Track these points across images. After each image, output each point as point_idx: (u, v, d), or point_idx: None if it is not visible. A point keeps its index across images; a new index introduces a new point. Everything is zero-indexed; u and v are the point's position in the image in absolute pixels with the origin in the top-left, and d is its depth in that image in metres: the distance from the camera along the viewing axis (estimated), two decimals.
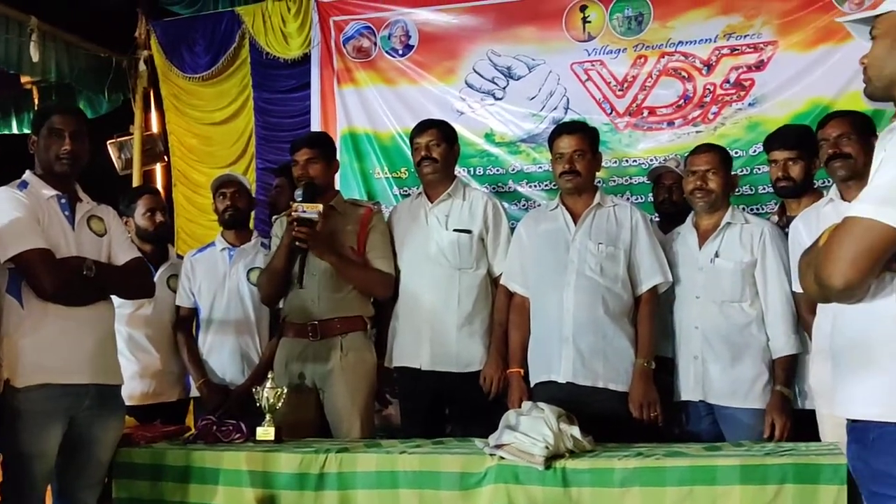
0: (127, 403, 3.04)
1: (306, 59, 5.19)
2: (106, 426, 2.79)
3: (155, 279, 3.54)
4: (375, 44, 5.02)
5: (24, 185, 2.73)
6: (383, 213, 3.64)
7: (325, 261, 3.26)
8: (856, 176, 2.84)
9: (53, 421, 2.63)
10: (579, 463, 2.49)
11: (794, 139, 3.28)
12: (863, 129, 2.95)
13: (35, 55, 4.83)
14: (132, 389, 3.49)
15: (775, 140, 3.37)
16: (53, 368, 2.63)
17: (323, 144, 3.50)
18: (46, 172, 2.75)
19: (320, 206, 3.19)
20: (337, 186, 4.77)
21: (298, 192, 3.28)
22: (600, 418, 2.88)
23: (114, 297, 2.87)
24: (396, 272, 3.43)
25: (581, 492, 2.46)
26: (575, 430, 2.56)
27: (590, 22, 4.65)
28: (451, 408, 3.46)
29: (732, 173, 3.29)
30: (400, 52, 4.97)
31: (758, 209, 4.19)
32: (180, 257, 3.96)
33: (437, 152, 3.43)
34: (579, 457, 2.53)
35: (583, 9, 4.65)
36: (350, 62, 5.06)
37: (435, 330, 3.34)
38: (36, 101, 5.66)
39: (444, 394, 3.38)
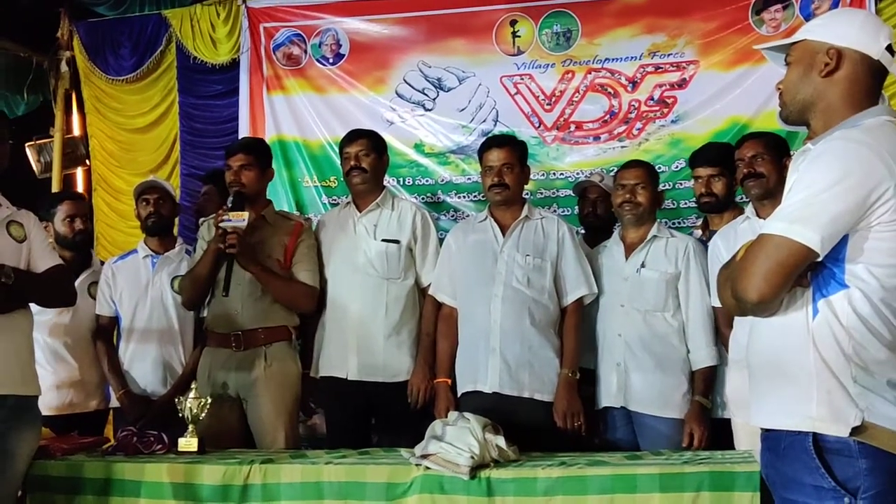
0: (43, 414, 2.95)
1: (234, 64, 5.12)
2: (21, 438, 2.69)
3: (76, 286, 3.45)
4: (306, 51, 4.99)
5: None
6: (313, 227, 3.62)
7: (248, 271, 3.22)
8: (769, 195, 2.96)
9: None
10: (504, 472, 2.52)
11: (717, 156, 3.41)
12: (777, 150, 3.08)
13: None
14: (49, 400, 3.40)
15: (699, 157, 3.49)
16: None
17: (259, 151, 3.49)
18: None
19: (246, 215, 3.17)
20: (266, 195, 4.76)
21: (229, 200, 3.25)
22: (525, 428, 2.92)
23: (32, 305, 2.78)
24: (323, 282, 3.42)
25: (505, 501, 2.48)
26: (500, 440, 2.59)
27: (519, 36, 4.71)
28: (378, 418, 3.46)
29: (659, 189, 3.38)
30: (330, 60, 4.96)
31: (679, 223, 4.33)
32: (103, 263, 3.86)
33: (367, 162, 3.43)
34: (504, 466, 2.55)
35: (513, 23, 4.72)
36: (280, 69, 5.02)
37: (362, 340, 3.34)
38: None
39: (371, 404, 3.38)
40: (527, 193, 3.58)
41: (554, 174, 4.65)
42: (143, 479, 2.75)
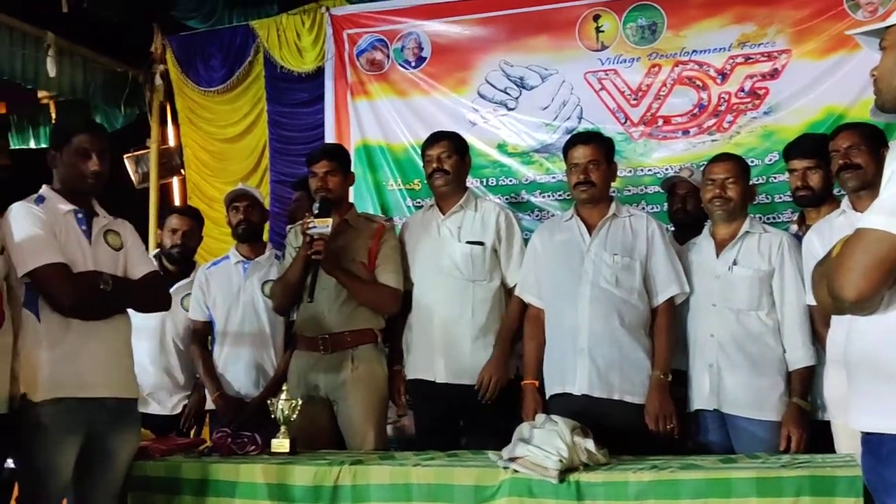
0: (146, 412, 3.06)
1: (319, 72, 5.21)
2: (122, 440, 2.80)
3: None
4: (388, 56, 5.04)
5: (40, 199, 2.73)
6: (395, 229, 3.65)
7: (333, 276, 3.27)
8: (866, 186, 2.84)
9: (70, 435, 2.63)
10: (593, 476, 2.48)
11: (813, 148, 3.28)
12: (873, 140, 2.95)
13: (52, 70, 4.90)
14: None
15: (794, 149, 3.37)
16: (70, 383, 2.63)
17: (340, 156, 3.53)
18: (66, 188, 2.76)
19: (331, 221, 3.21)
20: (352, 199, 4.83)
21: (315, 206, 3.30)
22: (615, 431, 2.86)
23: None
24: (409, 285, 3.44)
25: None
26: (589, 443, 2.55)
27: (603, 31, 4.64)
28: (466, 420, 3.45)
29: (750, 183, 3.28)
30: (413, 63, 4.99)
31: (774, 218, 4.18)
32: None
33: (449, 164, 3.43)
34: (593, 470, 2.51)
35: (596, 18, 4.65)
36: (363, 75, 5.08)
37: (449, 342, 3.34)
38: (53, 116, 5.73)
39: (459, 406, 3.37)
40: (613, 191, 3.52)
41: (641, 170, 4.57)
42: (238, 479, 2.81)
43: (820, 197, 3.26)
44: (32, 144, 5.82)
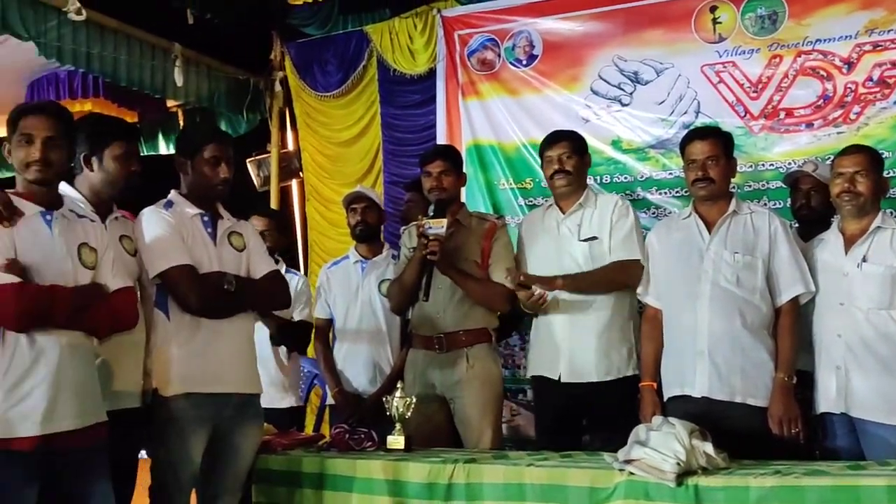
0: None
1: (431, 73, 5.27)
2: (246, 433, 2.90)
3: None
4: (499, 55, 5.04)
5: (169, 204, 2.87)
6: (507, 227, 3.65)
7: (446, 275, 3.30)
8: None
9: (199, 428, 2.75)
10: (712, 480, 2.40)
11: None
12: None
13: (179, 80, 5.14)
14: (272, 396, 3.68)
15: None
16: (199, 378, 2.76)
17: (453, 157, 3.57)
18: (195, 193, 2.88)
19: (445, 221, 3.25)
20: (464, 199, 4.86)
21: (431, 207, 3.35)
22: (736, 434, 2.78)
23: None
24: None
25: None
26: (708, 447, 2.48)
27: (720, 23, 4.50)
28: (590, 419, 3.41)
29: (883, 175, 3.11)
30: (524, 62, 4.97)
31: None
32: (291, 270, 4.12)
33: (570, 164, 3.39)
34: (712, 474, 2.43)
35: (713, 9, 4.52)
36: (474, 75, 5.10)
37: (573, 339, 3.30)
38: (181, 123, 6.01)
39: (582, 404, 3.33)
40: (733, 187, 3.40)
41: (763, 165, 4.41)
42: (355, 474, 2.88)
43: None
44: (163, 150, 6.12)
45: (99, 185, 2.79)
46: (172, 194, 2.92)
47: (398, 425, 3.07)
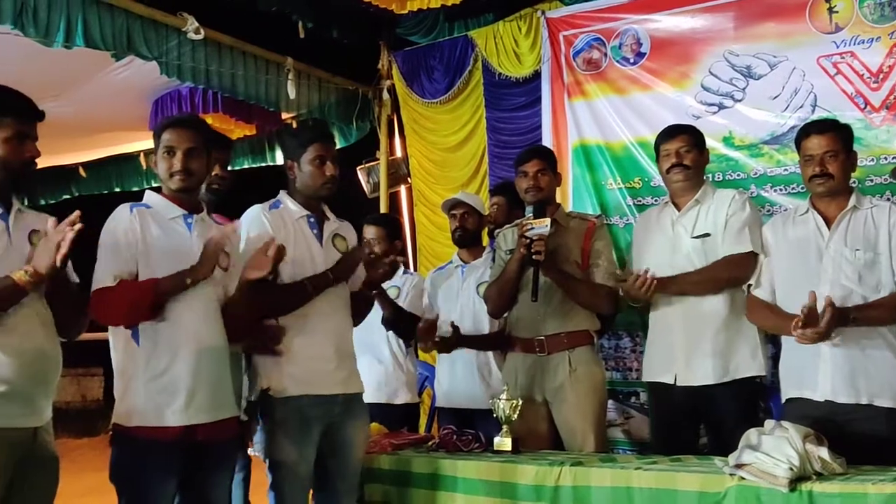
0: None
1: (536, 76, 5.25)
2: (355, 431, 2.98)
3: None
4: (605, 54, 4.98)
5: (276, 204, 2.99)
6: (610, 227, 3.60)
7: (548, 277, 3.28)
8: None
9: (309, 429, 2.85)
10: (828, 486, 2.32)
11: None
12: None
13: (292, 92, 5.32)
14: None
15: None
16: (308, 380, 2.86)
17: (548, 156, 3.57)
18: (303, 194, 2.98)
19: (548, 221, 3.24)
20: (569, 199, 4.83)
21: (529, 209, 3.35)
22: (861, 438, 2.69)
23: None
24: None
25: None
26: (823, 451, 2.39)
27: (836, 12, 4.31)
28: (708, 422, 3.33)
29: None
30: (631, 60, 4.90)
31: None
32: (407, 272, 4.22)
33: (689, 158, 3.32)
34: (828, 480, 2.35)
35: None
36: (580, 75, 5.05)
37: (690, 340, 3.23)
38: None
39: (699, 408, 3.25)
40: (854, 182, 3.26)
41: (885, 158, 4.18)
42: (463, 475, 2.93)
43: None
44: (279, 161, 6.35)
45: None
46: (281, 195, 3.02)
47: (505, 427, 3.09)
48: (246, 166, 6.54)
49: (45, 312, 2.42)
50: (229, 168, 3.62)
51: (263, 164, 6.51)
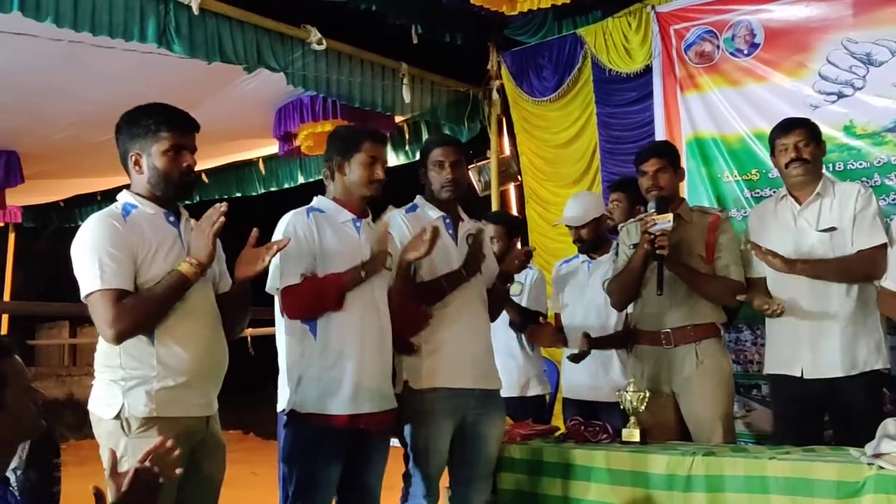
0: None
1: (646, 70, 5.26)
2: (491, 424, 3.11)
3: None
4: (718, 47, 4.95)
5: (413, 207, 3.17)
6: (731, 220, 3.60)
7: (672, 271, 3.32)
8: None
9: (445, 419, 2.99)
10: None
11: None
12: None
13: (407, 96, 5.49)
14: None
15: None
16: (444, 373, 3.00)
17: (670, 153, 3.58)
18: (433, 197, 3.15)
19: (671, 216, 3.28)
20: (685, 193, 4.83)
21: (651, 205, 3.40)
22: None
23: None
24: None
25: None
26: None
27: None
28: (832, 414, 3.32)
29: None
30: (745, 51, 4.85)
31: None
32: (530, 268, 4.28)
33: (808, 152, 3.30)
34: None
35: None
36: (692, 68, 5.04)
37: (815, 334, 3.22)
38: (406, 137, 6.40)
39: (824, 400, 3.25)
40: None
41: None
42: (594, 464, 3.00)
43: None
44: (392, 162, 6.54)
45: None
46: (417, 199, 3.20)
47: (633, 419, 3.14)
48: None
49: (215, 310, 2.61)
50: None
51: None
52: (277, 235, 2.77)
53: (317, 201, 2.92)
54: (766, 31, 4.79)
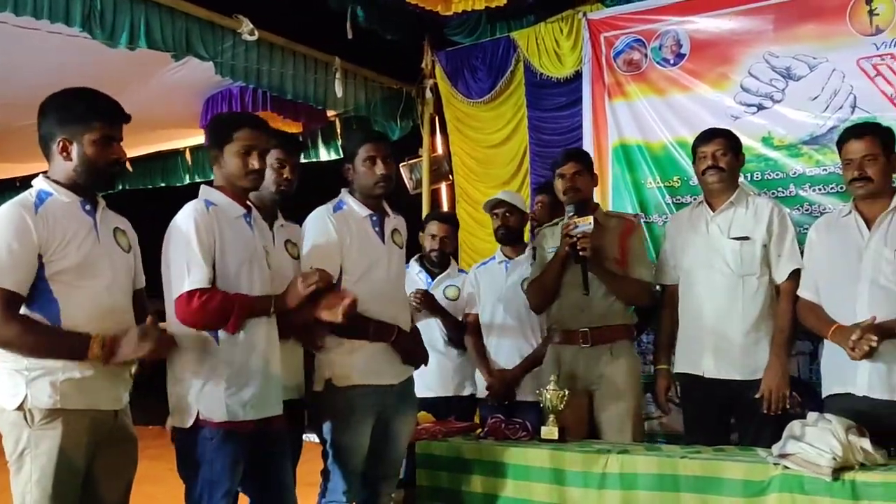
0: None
1: (577, 76, 5.35)
2: (405, 422, 3.12)
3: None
4: (646, 56, 5.07)
5: (340, 205, 3.09)
6: (643, 225, 3.70)
7: (592, 272, 3.41)
8: None
9: (366, 416, 2.98)
10: (871, 476, 2.42)
11: None
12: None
13: (339, 91, 5.46)
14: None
15: None
16: (366, 370, 2.98)
17: (584, 159, 3.68)
18: (362, 193, 3.09)
19: (591, 219, 3.36)
20: (609, 197, 4.93)
21: (570, 208, 3.47)
22: None
23: None
24: (676, 280, 3.50)
25: None
26: (865, 443, 2.48)
27: (877, 14, 4.37)
28: (737, 416, 3.43)
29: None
30: (671, 61, 4.98)
31: None
32: (462, 271, 4.35)
33: (724, 161, 3.41)
34: (870, 470, 2.45)
35: (868, 1, 4.38)
36: (620, 76, 5.15)
37: (718, 337, 3.34)
38: (338, 132, 6.37)
39: (729, 402, 3.36)
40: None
41: None
42: (512, 461, 3.05)
43: None
44: (323, 157, 6.51)
45: (265, 193, 3.00)
46: (343, 194, 3.12)
47: (552, 417, 3.19)
48: None
49: (128, 304, 2.55)
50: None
51: (308, 161, 6.65)
52: (182, 231, 2.57)
53: (210, 194, 2.69)
54: (692, 42, 4.92)
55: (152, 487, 3.03)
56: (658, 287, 3.61)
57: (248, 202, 2.78)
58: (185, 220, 2.58)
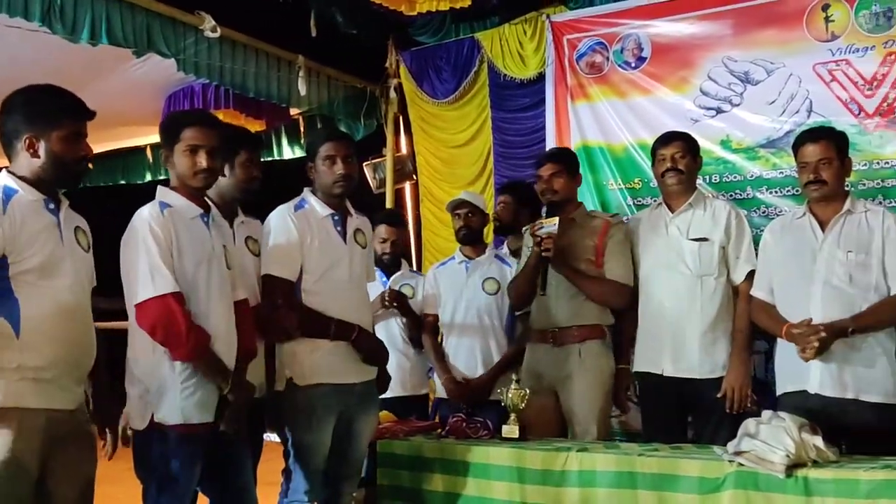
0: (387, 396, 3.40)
1: (540, 77, 5.37)
2: (366, 422, 3.14)
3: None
4: (608, 58, 5.11)
5: (301, 204, 3.10)
6: (623, 225, 3.75)
7: (560, 273, 3.44)
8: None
9: (328, 415, 2.99)
10: (823, 473, 2.48)
11: None
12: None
13: (303, 89, 5.43)
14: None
15: None
16: (328, 369, 3.00)
17: (567, 159, 3.72)
18: (323, 192, 3.10)
19: (556, 220, 3.40)
20: None
21: (544, 209, 3.51)
22: (850, 430, 2.84)
23: None
24: (636, 281, 3.54)
25: (825, 501, 2.44)
26: (818, 440, 2.54)
27: (833, 21, 4.46)
28: (695, 415, 3.49)
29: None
30: (632, 64, 5.03)
31: None
32: (414, 272, 4.39)
33: (683, 164, 3.48)
34: (823, 467, 2.51)
35: (825, 8, 4.47)
36: (583, 78, 5.18)
37: (677, 337, 3.39)
38: (302, 130, 6.35)
39: (687, 401, 3.42)
40: (849, 186, 3.41)
41: (878, 163, 4.33)
42: (473, 460, 3.07)
43: None
44: (287, 155, 6.47)
45: (226, 190, 3.02)
46: (305, 193, 3.13)
47: (513, 415, 3.23)
48: None
49: (86, 302, 2.51)
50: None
51: (272, 159, 6.60)
52: (138, 237, 2.57)
53: (165, 195, 2.69)
54: (653, 45, 4.98)
55: (111, 488, 3.00)
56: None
57: (206, 200, 2.77)
58: (141, 224, 2.58)
